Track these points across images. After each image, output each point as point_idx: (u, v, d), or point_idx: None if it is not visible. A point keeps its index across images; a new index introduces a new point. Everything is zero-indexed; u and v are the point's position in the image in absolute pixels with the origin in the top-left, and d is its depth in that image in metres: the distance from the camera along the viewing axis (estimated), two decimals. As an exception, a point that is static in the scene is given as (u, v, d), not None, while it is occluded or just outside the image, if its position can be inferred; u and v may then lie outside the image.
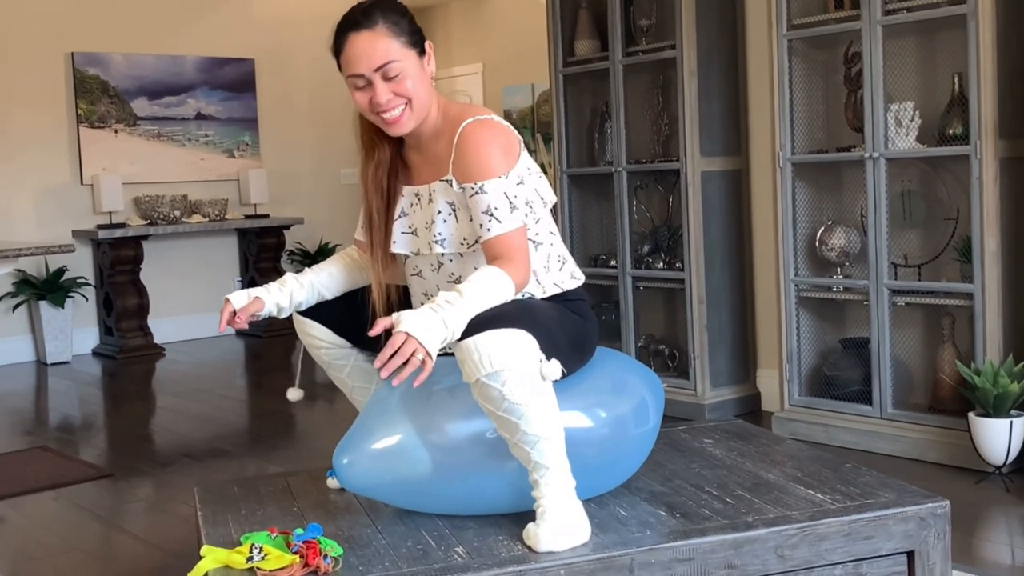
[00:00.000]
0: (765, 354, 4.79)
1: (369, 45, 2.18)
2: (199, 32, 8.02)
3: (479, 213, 2.17)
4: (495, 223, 2.16)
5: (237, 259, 8.22)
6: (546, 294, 2.31)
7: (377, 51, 2.18)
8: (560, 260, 2.36)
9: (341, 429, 2.36)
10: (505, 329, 2.01)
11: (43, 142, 7.36)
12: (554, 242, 2.36)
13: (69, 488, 4.09)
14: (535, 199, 2.27)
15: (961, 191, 3.91)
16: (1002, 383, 3.50)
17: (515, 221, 2.17)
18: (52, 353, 7.11)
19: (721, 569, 2.11)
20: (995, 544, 3.14)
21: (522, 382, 2.01)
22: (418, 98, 2.22)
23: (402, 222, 2.35)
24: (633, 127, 4.96)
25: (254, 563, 2.02)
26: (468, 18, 9.96)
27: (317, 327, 2.48)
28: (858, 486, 2.37)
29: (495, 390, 2.01)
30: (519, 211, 2.19)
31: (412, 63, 2.21)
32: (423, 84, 2.23)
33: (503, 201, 2.17)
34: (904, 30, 3.98)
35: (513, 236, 2.17)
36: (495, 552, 2.08)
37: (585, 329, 2.32)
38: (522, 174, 2.24)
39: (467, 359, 2.01)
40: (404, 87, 2.20)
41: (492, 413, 2.05)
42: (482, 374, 2.00)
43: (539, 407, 2.04)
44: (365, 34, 2.18)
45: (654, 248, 4.95)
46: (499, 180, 2.17)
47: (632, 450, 2.38)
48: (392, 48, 2.19)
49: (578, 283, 2.38)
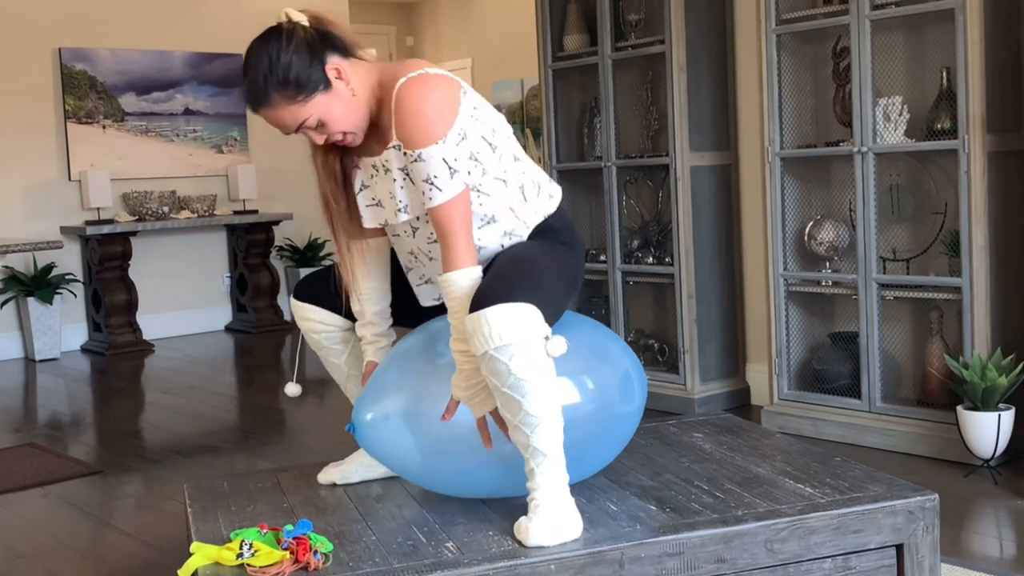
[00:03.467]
0: (754, 348, 4.80)
1: (276, 118, 2.19)
2: (187, 27, 8.00)
3: (420, 182, 2.17)
4: (436, 192, 2.15)
5: (226, 255, 8.20)
6: (529, 227, 2.32)
7: (285, 121, 2.19)
8: (535, 185, 2.35)
9: (331, 426, 2.36)
10: (514, 304, 2.04)
11: (30, 138, 7.33)
12: (525, 169, 2.34)
13: (58, 485, 4.07)
14: (482, 147, 2.21)
15: (949, 185, 3.92)
16: (990, 376, 3.51)
17: (456, 186, 2.16)
18: (40, 350, 7.09)
19: (711, 563, 2.11)
20: (984, 537, 3.15)
21: (529, 358, 2.04)
22: (351, 121, 2.21)
23: (364, 195, 2.34)
24: (622, 122, 4.97)
25: (244, 559, 2.02)
26: (457, 13, 9.95)
27: (317, 311, 2.48)
28: (847, 480, 2.37)
29: (503, 364, 2.03)
30: (460, 174, 2.16)
31: (323, 104, 2.17)
32: (346, 108, 2.19)
33: (442, 168, 2.14)
34: (892, 25, 3.99)
35: (454, 205, 2.16)
36: (485, 547, 2.08)
37: (575, 262, 2.36)
38: (465, 127, 2.17)
39: (477, 332, 2.03)
40: (331, 127, 2.20)
41: (497, 389, 2.07)
42: (491, 347, 2.02)
43: (542, 386, 2.07)
44: (266, 111, 2.19)
45: (644, 243, 4.96)
46: (436, 146, 2.13)
47: (616, 430, 2.37)
48: (296, 112, 2.17)
49: (557, 201, 2.38)
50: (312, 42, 2.17)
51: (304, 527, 2.10)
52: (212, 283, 8.14)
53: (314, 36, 2.18)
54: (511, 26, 8.80)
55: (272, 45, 2.15)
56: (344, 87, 2.19)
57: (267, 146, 8.34)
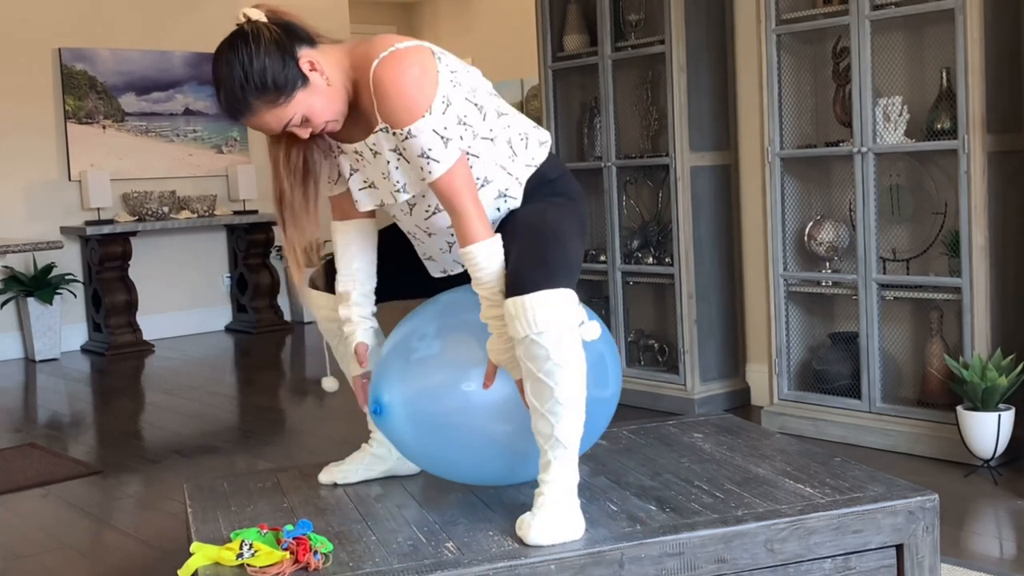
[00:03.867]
0: (754, 349, 4.80)
1: (260, 123, 2.17)
2: (187, 27, 7.99)
3: (415, 158, 2.15)
4: (434, 164, 2.14)
5: (226, 255, 8.20)
6: (522, 182, 2.30)
7: (270, 124, 2.17)
8: (522, 137, 2.32)
9: (331, 426, 2.36)
10: (555, 290, 2.06)
11: (31, 138, 7.32)
12: (510, 123, 2.30)
13: (58, 485, 4.07)
14: (468, 109, 2.19)
15: (949, 185, 3.92)
16: (990, 377, 3.51)
17: (452, 154, 2.14)
18: (40, 350, 7.09)
19: (711, 563, 2.11)
20: (984, 537, 3.15)
21: (567, 344, 2.07)
22: (332, 110, 2.19)
23: (356, 179, 2.34)
24: (622, 122, 4.97)
25: (244, 559, 2.02)
26: (457, 13, 9.95)
27: (325, 296, 2.50)
28: (847, 480, 2.38)
29: (543, 349, 2.05)
30: (453, 141, 2.14)
31: (305, 101, 2.15)
32: (326, 98, 2.17)
33: (434, 140, 2.12)
34: (892, 25, 3.99)
35: (455, 174, 2.15)
36: (485, 547, 2.08)
37: (582, 211, 2.36)
38: (447, 93, 2.14)
39: (519, 316, 2.05)
40: (315, 120, 2.18)
41: (531, 375, 2.08)
42: (533, 332, 2.04)
43: (575, 375, 2.09)
44: (250, 119, 2.17)
45: (643, 243, 4.96)
46: (423, 120, 2.11)
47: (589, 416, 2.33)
48: (279, 114, 2.15)
49: (548, 147, 2.36)
50: (280, 40, 2.12)
51: (304, 527, 2.11)
52: (212, 283, 8.14)
53: (279, 33, 2.13)
54: (511, 26, 8.79)
55: (241, 52, 2.11)
56: (320, 78, 2.15)
57: (267, 146, 8.32)
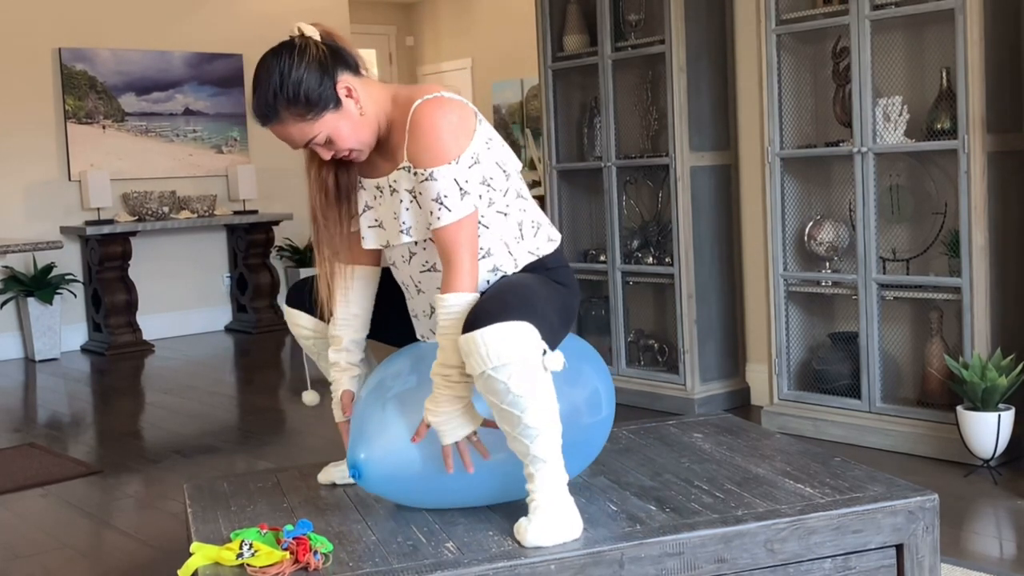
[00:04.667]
0: (754, 348, 4.80)
1: (284, 133, 2.19)
2: (187, 27, 8.00)
3: (429, 200, 2.14)
4: (444, 212, 2.13)
5: (226, 255, 8.20)
6: (519, 266, 2.27)
7: (293, 137, 2.19)
8: (534, 225, 2.32)
9: (331, 426, 2.36)
10: (510, 322, 2.01)
11: (30, 138, 7.33)
12: (526, 207, 2.31)
13: (58, 485, 4.07)
14: (495, 173, 2.22)
15: (949, 185, 3.92)
16: (990, 377, 3.51)
17: (465, 208, 2.14)
18: (40, 350, 7.09)
19: (711, 563, 2.11)
20: (983, 537, 3.15)
21: (526, 375, 2.01)
22: (358, 138, 2.21)
23: (367, 216, 2.33)
24: (622, 122, 4.97)
25: (244, 559, 2.02)
26: (457, 13, 9.95)
27: (305, 317, 2.49)
28: (847, 480, 2.38)
29: (500, 383, 2.00)
30: (470, 196, 2.15)
31: (332, 123, 2.17)
32: (354, 126, 2.19)
33: (453, 188, 2.13)
34: (892, 25, 3.99)
35: (461, 226, 2.14)
36: (485, 547, 2.08)
37: (570, 299, 2.32)
38: (478, 151, 2.17)
39: (473, 352, 2.00)
40: (339, 144, 2.20)
41: (495, 406, 2.05)
42: (488, 367, 1.99)
43: (541, 400, 2.05)
44: (276, 127, 2.19)
45: (643, 243, 4.96)
46: (449, 166, 2.13)
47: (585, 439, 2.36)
48: (305, 129, 2.17)
49: (555, 245, 2.35)
50: (323, 60, 2.15)
51: (304, 527, 2.10)
52: (212, 283, 8.14)
53: (326, 53, 2.17)
54: (511, 26, 8.80)
55: (284, 61, 2.14)
56: (354, 105, 2.18)
57: (267, 146, 8.33)
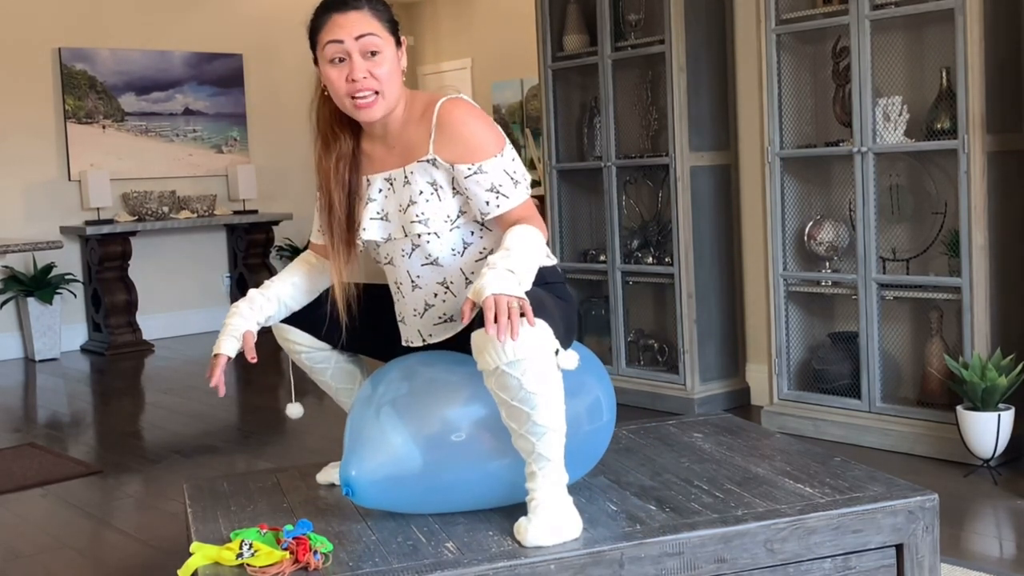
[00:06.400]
0: (754, 348, 4.80)
1: (351, 20, 2.22)
2: (187, 27, 8.00)
3: (483, 192, 2.20)
4: (503, 199, 2.21)
5: (226, 255, 8.20)
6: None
7: (361, 24, 2.22)
8: None
9: (331, 426, 2.36)
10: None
11: (30, 138, 7.33)
12: None
13: (58, 485, 4.07)
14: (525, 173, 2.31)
15: (949, 185, 3.92)
16: (990, 376, 3.51)
17: (521, 194, 2.24)
18: (40, 350, 7.09)
19: (711, 563, 2.11)
20: (983, 537, 3.15)
21: (540, 372, 2.02)
22: (390, 86, 2.24)
23: (371, 208, 2.33)
24: (622, 122, 4.97)
25: (244, 559, 2.02)
26: (457, 13, 9.94)
27: (295, 332, 2.48)
28: (847, 480, 2.37)
29: (514, 379, 2.00)
30: (522, 184, 2.24)
31: (390, 50, 2.25)
32: (395, 73, 2.25)
33: (504, 178, 2.22)
34: (892, 25, 3.99)
35: (525, 207, 2.24)
36: (485, 547, 2.08)
37: (570, 310, 2.34)
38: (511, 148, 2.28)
39: (487, 347, 2.00)
40: (380, 69, 2.22)
41: (505, 403, 2.05)
42: (503, 363, 1.99)
43: (551, 398, 2.05)
44: (352, 14, 2.22)
45: (643, 243, 4.96)
46: (496, 159, 2.21)
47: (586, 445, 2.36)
48: (375, 26, 2.23)
49: (553, 262, 2.37)
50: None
51: (304, 527, 2.10)
52: (212, 283, 8.14)
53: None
54: (511, 26, 8.79)
55: None
56: (399, 63, 2.27)
57: (267, 146, 8.34)
